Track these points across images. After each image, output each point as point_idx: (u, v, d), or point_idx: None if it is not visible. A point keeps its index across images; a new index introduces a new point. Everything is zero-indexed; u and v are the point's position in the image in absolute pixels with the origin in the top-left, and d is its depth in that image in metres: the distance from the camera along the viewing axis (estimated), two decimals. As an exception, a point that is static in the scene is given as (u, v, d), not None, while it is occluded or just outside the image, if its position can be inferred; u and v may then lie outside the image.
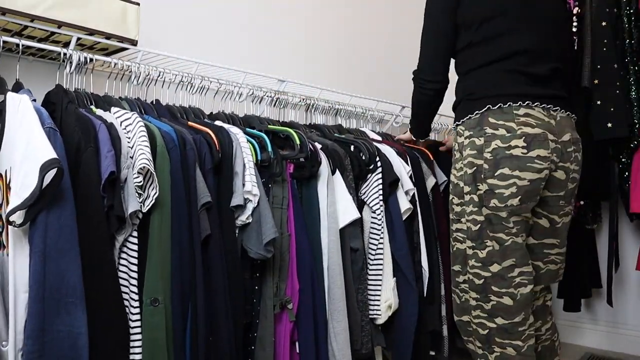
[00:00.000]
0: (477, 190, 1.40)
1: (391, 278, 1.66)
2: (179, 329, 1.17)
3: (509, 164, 1.35)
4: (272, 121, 1.76)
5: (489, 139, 1.37)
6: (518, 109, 1.37)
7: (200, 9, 1.98)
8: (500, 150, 1.35)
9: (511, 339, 1.40)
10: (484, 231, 1.40)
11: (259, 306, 1.38)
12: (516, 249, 1.39)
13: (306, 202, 1.53)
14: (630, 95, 2.06)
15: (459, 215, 1.49)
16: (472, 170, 1.40)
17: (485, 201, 1.38)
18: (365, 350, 1.57)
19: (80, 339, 1.00)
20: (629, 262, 2.45)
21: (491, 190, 1.37)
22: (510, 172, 1.34)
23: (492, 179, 1.36)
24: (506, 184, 1.35)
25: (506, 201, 1.36)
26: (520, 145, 1.34)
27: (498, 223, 1.38)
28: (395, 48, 2.85)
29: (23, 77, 1.29)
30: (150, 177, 1.16)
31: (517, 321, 1.40)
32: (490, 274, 1.41)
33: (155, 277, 1.14)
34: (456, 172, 1.49)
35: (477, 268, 1.43)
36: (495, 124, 1.38)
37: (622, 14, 2.08)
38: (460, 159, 1.47)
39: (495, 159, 1.36)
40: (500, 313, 1.40)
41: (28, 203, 0.98)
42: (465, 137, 1.44)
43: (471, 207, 1.43)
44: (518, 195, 1.35)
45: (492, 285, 1.41)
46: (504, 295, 1.40)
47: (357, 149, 1.73)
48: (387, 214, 1.70)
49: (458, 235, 1.50)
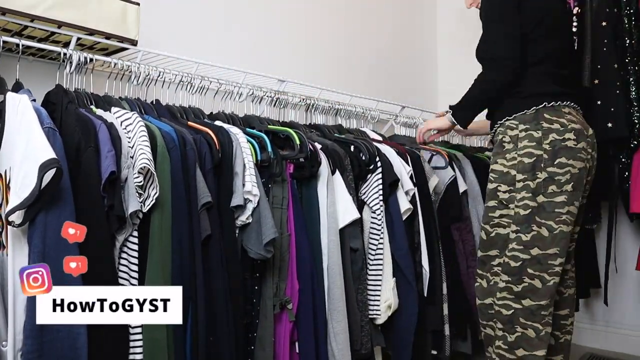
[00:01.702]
0: (535, 178, 1.51)
1: (391, 278, 1.66)
2: (179, 329, 1.17)
3: (565, 154, 1.50)
4: (272, 121, 1.75)
5: (546, 132, 1.51)
6: (564, 107, 1.56)
7: (200, 9, 1.98)
8: (558, 142, 1.51)
9: (533, 321, 1.50)
10: (533, 216, 1.51)
11: (258, 306, 1.38)
12: (562, 238, 1.51)
13: (306, 202, 1.53)
14: (630, 95, 2.06)
15: (506, 202, 1.57)
16: (532, 159, 1.51)
17: (543, 188, 1.50)
18: (364, 350, 1.57)
19: (80, 339, 1.00)
20: (628, 262, 2.45)
21: (550, 178, 1.50)
22: (567, 161, 1.50)
23: (551, 167, 1.50)
24: (563, 172, 1.50)
25: (562, 187, 1.50)
26: (572, 138, 1.51)
27: (551, 210, 1.50)
28: (395, 48, 2.85)
29: (23, 77, 1.29)
30: (151, 177, 1.15)
31: (543, 304, 1.50)
32: (529, 257, 1.51)
33: (156, 277, 1.14)
34: (506, 162, 1.57)
35: (517, 251, 1.53)
36: (550, 119, 1.53)
37: (622, 14, 2.08)
38: (513, 149, 1.56)
39: (554, 149, 1.50)
40: (528, 295, 1.51)
41: (27, 203, 0.98)
42: (520, 130, 1.55)
43: (524, 193, 1.52)
44: (571, 181, 1.51)
45: (528, 268, 1.51)
46: (536, 278, 1.51)
47: (357, 149, 1.73)
48: (387, 214, 1.70)
49: (502, 220, 1.58)
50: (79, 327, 1.00)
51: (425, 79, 3.01)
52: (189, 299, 1.19)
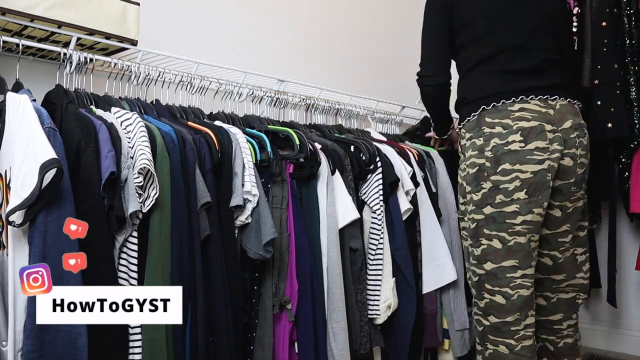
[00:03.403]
0: (480, 189, 1.43)
1: (391, 278, 1.65)
2: (178, 329, 1.16)
3: (508, 159, 1.38)
4: (272, 121, 1.75)
5: (487, 138, 1.41)
6: (512, 105, 1.41)
7: (200, 9, 1.98)
8: (500, 147, 1.39)
9: (503, 337, 1.42)
10: (480, 229, 1.44)
11: (258, 306, 1.38)
12: (519, 250, 1.39)
13: (306, 202, 1.53)
14: (630, 95, 2.06)
15: (462, 214, 1.54)
16: (475, 170, 1.44)
17: (490, 199, 1.41)
18: (363, 350, 1.56)
19: (80, 339, 1.00)
20: (629, 262, 2.45)
21: (495, 187, 1.40)
22: (511, 166, 1.38)
23: (495, 175, 1.40)
24: (509, 179, 1.38)
25: (512, 195, 1.38)
26: (517, 139, 1.38)
27: (502, 221, 1.40)
28: (395, 48, 2.85)
29: (23, 77, 1.29)
30: (151, 178, 1.15)
31: (509, 320, 1.41)
32: (484, 272, 1.44)
33: (155, 277, 1.14)
34: (461, 173, 1.53)
35: (473, 266, 1.48)
36: (492, 122, 1.42)
37: (622, 14, 2.08)
38: (463, 160, 1.51)
39: (496, 155, 1.39)
40: (492, 311, 1.43)
41: (28, 203, 0.98)
42: (467, 139, 1.49)
43: (471, 205, 1.46)
44: (523, 188, 1.37)
45: (485, 283, 1.44)
46: (497, 294, 1.42)
47: (357, 149, 1.73)
48: (387, 214, 1.69)
49: (463, 233, 1.56)
50: (79, 327, 1.00)
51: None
52: (188, 299, 1.19)
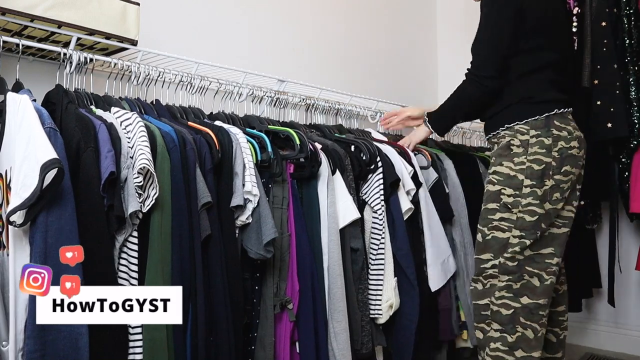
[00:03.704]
0: (543, 185, 1.53)
1: (392, 278, 1.65)
2: (179, 329, 1.16)
3: (570, 162, 1.55)
4: (272, 121, 1.75)
5: (555, 139, 1.54)
6: (568, 115, 1.61)
7: (200, 9, 1.98)
8: (565, 150, 1.54)
9: (532, 321, 1.52)
10: (539, 223, 1.53)
11: (259, 306, 1.38)
12: (556, 239, 1.56)
13: (306, 202, 1.53)
14: (630, 95, 2.06)
15: (510, 206, 1.56)
16: (541, 167, 1.53)
17: (549, 195, 1.53)
18: (365, 350, 1.56)
19: (81, 339, 1.00)
20: (629, 262, 2.45)
21: (557, 185, 1.53)
22: (570, 169, 1.55)
23: (558, 175, 1.53)
24: (566, 179, 1.55)
25: (565, 193, 1.55)
26: (576, 146, 1.57)
27: (553, 216, 1.55)
28: (395, 48, 2.85)
29: (23, 77, 1.29)
30: (151, 177, 1.15)
31: (541, 303, 1.52)
32: (523, 257, 1.54)
33: (155, 277, 1.14)
34: (513, 165, 1.57)
35: (517, 253, 1.55)
36: (559, 126, 1.56)
37: (622, 14, 2.08)
38: (522, 154, 1.56)
39: (561, 157, 1.54)
40: (526, 292, 1.53)
41: (28, 203, 0.98)
42: (532, 135, 1.56)
43: (530, 199, 1.53)
44: (570, 188, 1.57)
45: (525, 266, 1.54)
46: (534, 276, 1.54)
47: (358, 149, 1.72)
48: (388, 214, 1.69)
49: (501, 223, 1.57)
50: (80, 327, 1.00)
51: (425, 79, 3.01)
52: (188, 299, 1.19)
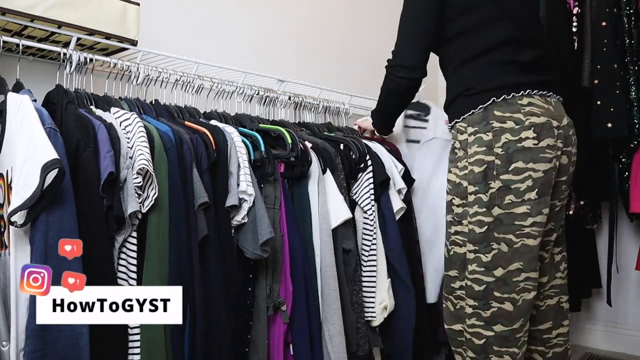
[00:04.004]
0: (488, 188, 1.32)
1: (386, 279, 1.61)
2: (177, 330, 1.16)
3: (522, 157, 1.30)
4: (262, 120, 1.72)
5: (497, 133, 1.31)
6: (521, 99, 1.33)
7: (200, 9, 1.98)
8: (512, 144, 1.30)
9: (508, 346, 1.34)
10: (490, 233, 1.33)
11: (252, 308, 1.36)
12: (525, 252, 1.32)
13: (297, 202, 1.50)
14: (630, 95, 2.06)
15: (460, 217, 1.41)
16: (482, 167, 1.33)
17: (498, 199, 1.31)
18: (362, 352, 1.53)
19: (82, 339, 1.00)
20: (629, 262, 2.45)
21: (506, 187, 1.31)
22: (525, 165, 1.29)
23: (506, 174, 1.30)
24: (521, 178, 1.29)
25: (523, 195, 1.30)
26: (531, 136, 1.30)
27: (510, 223, 1.31)
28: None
29: (23, 77, 1.29)
30: (150, 178, 1.15)
31: (516, 327, 1.34)
32: (494, 279, 1.33)
33: (153, 278, 1.14)
34: (458, 171, 1.41)
35: (478, 273, 1.35)
36: (502, 116, 1.32)
37: (622, 14, 2.08)
38: (464, 157, 1.39)
39: (508, 153, 1.30)
40: (500, 320, 1.34)
41: (29, 203, 0.98)
42: (470, 133, 1.37)
43: (476, 207, 1.35)
44: (535, 188, 1.30)
45: (494, 291, 1.34)
46: (506, 301, 1.33)
47: (347, 148, 1.69)
48: (379, 214, 1.65)
49: (457, 238, 1.42)
50: (81, 326, 1.00)
51: (425, 78, 3.01)
52: (186, 299, 1.18)
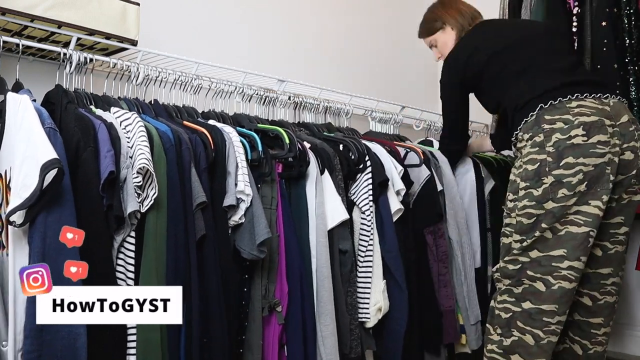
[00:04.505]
0: (540, 184, 1.42)
1: (381, 280, 1.60)
2: (173, 330, 1.16)
3: (572, 152, 1.38)
4: (261, 119, 1.71)
5: (548, 134, 1.41)
6: (570, 102, 1.42)
7: (200, 9, 1.98)
8: (562, 142, 1.39)
9: (532, 327, 1.41)
10: (538, 224, 1.42)
11: (247, 308, 1.35)
12: (568, 240, 1.39)
13: (295, 202, 1.49)
14: (630, 95, 2.06)
15: (510, 211, 1.52)
16: (535, 166, 1.43)
17: (552, 193, 1.40)
18: (354, 354, 1.52)
19: (79, 339, 1.00)
20: (629, 262, 2.45)
21: (558, 181, 1.39)
22: (575, 160, 1.38)
23: (557, 169, 1.39)
24: (572, 172, 1.38)
25: (575, 188, 1.38)
26: (580, 133, 1.38)
27: (562, 215, 1.40)
28: (395, 48, 2.85)
29: (23, 77, 1.29)
30: (150, 177, 1.15)
31: (544, 309, 1.40)
32: (529, 260, 1.44)
33: (150, 277, 1.13)
34: (515, 170, 1.53)
35: (515, 255, 1.47)
36: (552, 119, 1.42)
37: (622, 14, 2.08)
38: (519, 157, 1.51)
39: (558, 150, 1.39)
40: (529, 297, 1.43)
41: (28, 203, 0.98)
42: (526, 139, 1.48)
43: (525, 201, 1.45)
44: (584, 181, 1.38)
45: (527, 270, 1.44)
46: (538, 280, 1.42)
47: (347, 148, 1.68)
48: (377, 215, 1.65)
49: (506, 229, 1.54)
50: (78, 327, 1.00)
51: (425, 78, 3.01)
52: (183, 299, 1.18)
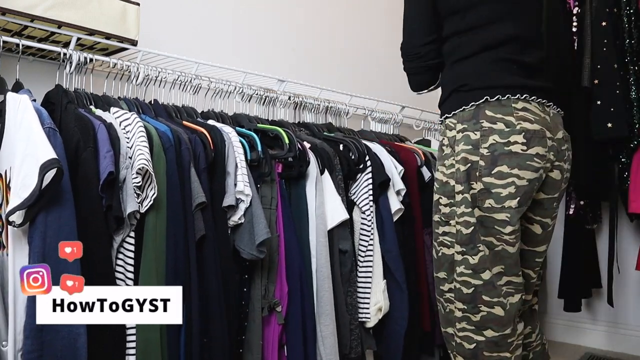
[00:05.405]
0: (470, 189, 1.26)
1: (381, 280, 1.61)
2: (173, 330, 1.16)
3: (507, 161, 1.22)
4: (261, 120, 1.72)
5: (485, 134, 1.24)
6: (516, 102, 1.25)
7: (200, 9, 1.98)
8: (499, 146, 1.22)
9: (500, 352, 1.29)
10: (476, 234, 1.27)
11: (247, 308, 1.35)
12: (506, 257, 1.27)
13: (294, 202, 1.50)
14: (630, 95, 2.06)
15: (447, 217, 1.34)
16: (466, 167, 1.26)
17: (479, 201, 1.25)
18: (354, 354, 1.52)
19: (79, 339, 1.00)
20: (629, 262, 2.45)
21: (487, 190, 1.24)
22: (509, 170, 1.22)
23: (488, 177, 1.23)
24: (504, 183, 1.22)
25: (503, 202, 1.23)
26: (520, 141, 1.22)
27: (490, 227, 1.25)
28: (395, 48, 2.85)
29: (23, 77, 1.29)
30: (149, 178, 1.15)
31: (507, 333, 1.29)
32: (482, 282, 1.28)
33: (149, 277, 1.14)
34: (445, 170, 1.33)
35: (466, 275, 1.30)
36: (493, 117, 1.24)
37: (622, 14, 2.08)
38: (451, 154, 1.31)
39: (493, 155, 1.23)
40: (490, 325, 1.29)
41: (28, 203, 0.98)
42: (458, 130, 1.29)
43: (463, 207, 1.28)
44: (516, 196, 1.23)
45: (482, 295, 1.28)
46: (496, 305, 1.28)
47: (347, 148, 1.69)
48: (377, 215, 1.65)
49: (445, 239, 1.35)
50: (78, 327, 1.00)
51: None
52: (182, 299, 1.18)
